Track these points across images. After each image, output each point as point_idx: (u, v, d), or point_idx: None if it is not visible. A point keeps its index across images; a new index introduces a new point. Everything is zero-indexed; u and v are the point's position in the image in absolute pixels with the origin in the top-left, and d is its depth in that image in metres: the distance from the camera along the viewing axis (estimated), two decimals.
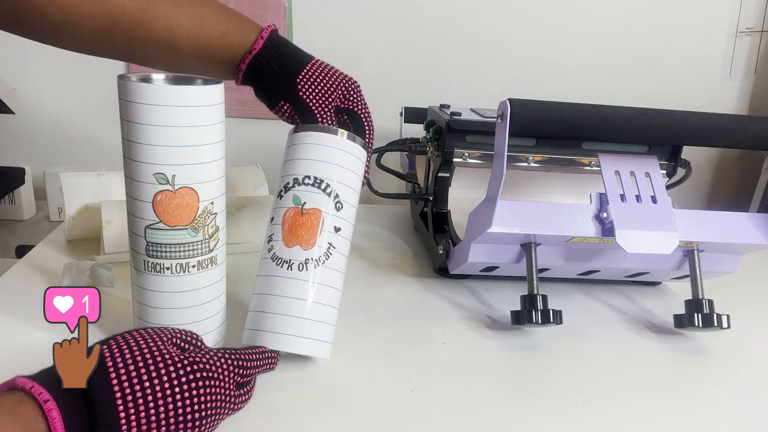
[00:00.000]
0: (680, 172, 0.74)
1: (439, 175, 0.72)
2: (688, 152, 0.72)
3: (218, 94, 0.45)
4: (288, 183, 0.50)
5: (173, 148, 0.43)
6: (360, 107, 0.57)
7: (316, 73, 0.55)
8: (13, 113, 0.94)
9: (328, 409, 0.46)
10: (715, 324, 0.57)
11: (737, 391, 0.54)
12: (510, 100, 0.54)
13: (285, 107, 0.55)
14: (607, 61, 1.06)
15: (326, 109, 0.55)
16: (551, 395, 0.51)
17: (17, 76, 1.00)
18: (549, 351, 0.57)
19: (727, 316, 0.58)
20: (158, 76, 0.46)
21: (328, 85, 0.55)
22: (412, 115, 0.89)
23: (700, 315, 0.58)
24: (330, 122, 0.55)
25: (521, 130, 0.55)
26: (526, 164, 0.72)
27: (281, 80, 0.54)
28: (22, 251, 0.76)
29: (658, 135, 0.60)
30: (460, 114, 0.72)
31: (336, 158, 0.50)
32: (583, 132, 0.64)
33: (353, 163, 0.52)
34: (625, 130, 0.58)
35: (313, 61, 0.56)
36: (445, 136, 0.71)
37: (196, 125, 0.43)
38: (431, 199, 0.74)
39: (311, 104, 0.54)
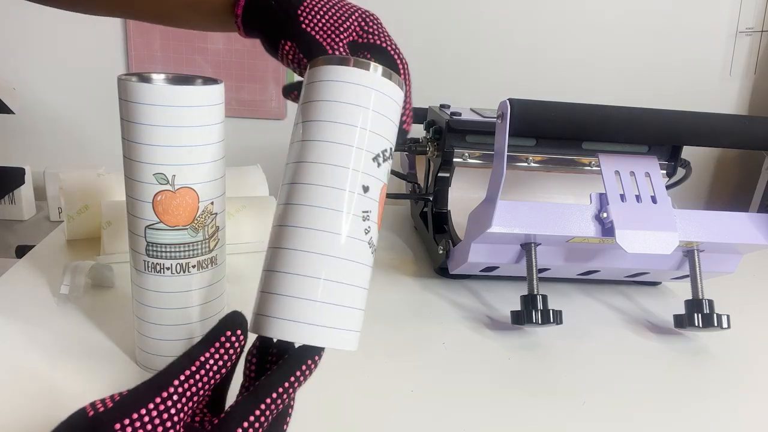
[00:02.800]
0: (680, 172, 0.74)
1: (439, 175, 0.72)
2: (688, 152, 0.72)
3: (218, 94, 0.45)
4: (386, 150, 0.38)
5: (173, 148, 0.43)
6: (384, 39, 0.46)
7: (322, 2, 0.46)
8: (13, 113, 0.94)
9: (327, 410, 0.46)
10: (715, 324, 0.57)
11: (737, 391, 0.54)
12: (510, 100, 0.54)
13: (287, 47, 0.46)
14: (607, 61, 1.06)
15: (339, 44, 0.45)
16: (551, 395, 0.51)
17: (17, 76, 1.00)
18: (549, 351, 0.57)
19: (727, 316, 0.58)
20: (158, 77, 0.46)
21: (338, 15, 0.45)
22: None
23: (700, 315, 0.58)
24: None
25: (521, 130, 0.55)
26: (526, 164, 0.72)
27: (279, 16, 0.45)
28: (22, 251, 0.77)
29: (658, 135, 0.60)
30: (460, 114, 0.72)
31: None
32: (583, 132, 0.64)
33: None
34: (625, 130, 0.58)
35: None
36: (445, 136, 0.71)
37: (196, 125, 0.43)
38: (431, 199, 0.74)
39: (319, 37, 0.44)
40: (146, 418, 0.29)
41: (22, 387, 0.46)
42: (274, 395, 0.31)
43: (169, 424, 0.29)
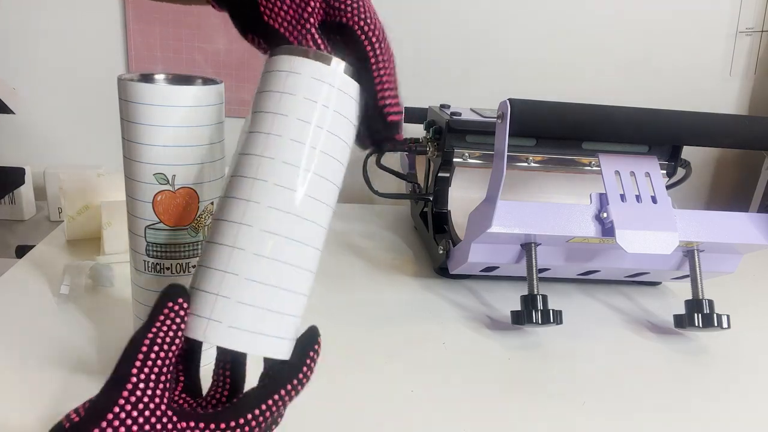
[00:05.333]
0: (680, 172, 0.74)
1: (439, 175, 0.72)
2: (688, 152, 0.72)
3: (218, 94, 0.45)
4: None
5: (173, 148, 0.43)
6: (352, 16, 0.39)
7: None
8: (13, 113, 0.94)
9: (327, 410, 0.46)
10: (715, 324, 0.57)
11: (737, 391, 0.54)
12: (510, 100, 0.54)
13: (254, 40, 0.42)
14: (607, 60, 1.06)
15: (306, 34, 0.40)
16: (551, 395, 0.51)
17: (17, 76, 1.00)
18: (549, 351, 0.57)
19: (727, 316, 0.58)
20: (158, 77, 0.46)
21: None
22: (412, 115, 0.88)
23: (700, 315, 0.58)
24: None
25: (521, 130, 0.55)
26: (526, 164, 0.72)
27: (243, 3, 0.41)
28: (22, 251, 0.77)
29: (658, 135, 0.60)
30: (460, 114, 0.72)
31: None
32: (583, 132, 0.64)
33: None
34: (625, 130, 0.58)
35: None
36: (445, 136, 0.71)
37: (196, 125, 0.43)
38: (431, 199, 0.74)
39: (283, 30, 0.40)
40: (122, 415, 0.28)
41: (22, 387, 0.46)
42: (263, 407, 0.32)
43: (147, 413, 0.29)
